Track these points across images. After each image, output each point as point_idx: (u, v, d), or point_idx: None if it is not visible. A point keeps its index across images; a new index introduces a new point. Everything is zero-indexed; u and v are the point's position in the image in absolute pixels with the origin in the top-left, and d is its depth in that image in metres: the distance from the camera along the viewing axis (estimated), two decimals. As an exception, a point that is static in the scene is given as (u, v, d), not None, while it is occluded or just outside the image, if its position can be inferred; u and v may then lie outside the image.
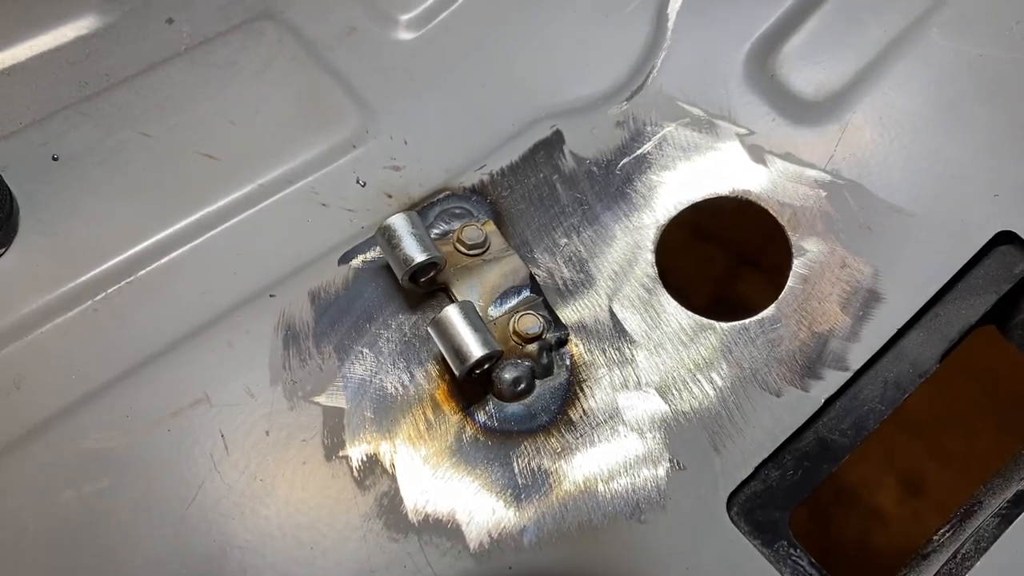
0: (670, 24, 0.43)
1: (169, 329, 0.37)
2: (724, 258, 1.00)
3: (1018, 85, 0.39)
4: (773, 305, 0.38)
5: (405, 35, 0.45)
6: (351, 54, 0.45)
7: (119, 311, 0.37)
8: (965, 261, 0.38)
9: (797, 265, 0.38)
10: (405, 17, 0.46)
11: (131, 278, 0.38)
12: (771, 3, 0.43)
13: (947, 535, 0.36)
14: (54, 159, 0.40)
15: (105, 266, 0.38)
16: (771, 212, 0.39)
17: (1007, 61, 0.40)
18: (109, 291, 0.38)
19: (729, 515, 0.34)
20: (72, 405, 0.35)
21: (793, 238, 0.39)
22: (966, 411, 0.93)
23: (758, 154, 0.40)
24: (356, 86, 0.43)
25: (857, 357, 0.37)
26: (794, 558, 0.34)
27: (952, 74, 0.40)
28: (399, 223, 0.36)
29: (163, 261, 0.39)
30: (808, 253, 0.38)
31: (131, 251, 0.39)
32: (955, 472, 0.91)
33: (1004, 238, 0.38)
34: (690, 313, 0.38)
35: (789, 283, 0.38)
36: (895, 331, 0.37)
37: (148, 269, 0.38)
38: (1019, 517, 0.35)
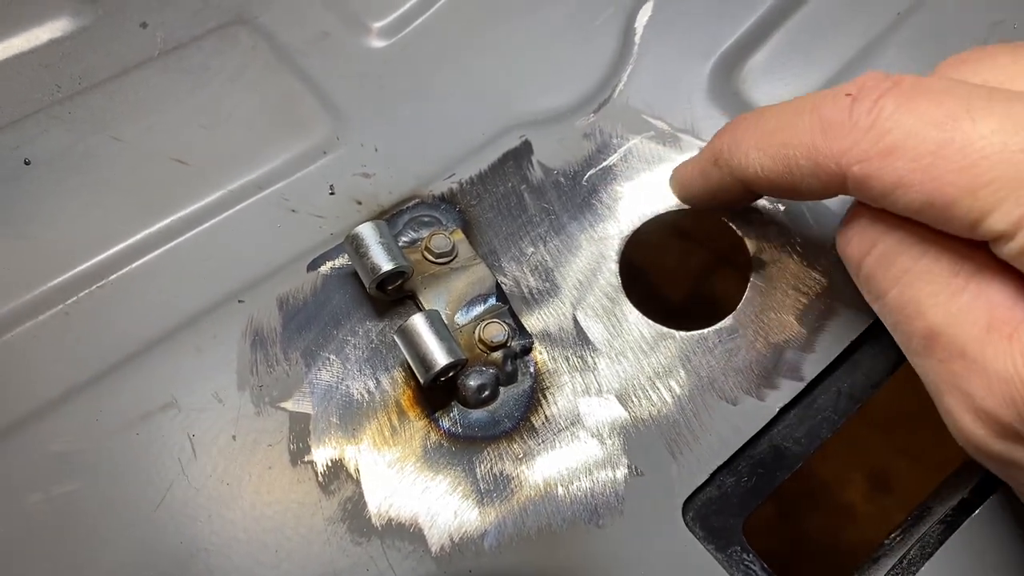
0: (637, 38, 0.44)
1: (139, 333, 0.38)
2: (701, 256, 1.01)
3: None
4: (731, 315, 0.39)
5: (377, 42, 0.46)
6: (324, 60, 0.45)
7: (90, 315, 0.38)
8: (918, 275, 0.39)
9: (755, 277, 0.39)
10: (378, 24, 0.46)
11: (102, 282, 0.39)
12: (735, 20, 0.43)
13: (897, 539, 0.37)
14: (26, 163, 0.41)
15: (76, 270, 0.39)
16: (731, 224, 0.40)
17: (959, 83, 0.41)
18: (80, 295, 0.38)
19: (685, 520, 0.35)
20: (41, 408, 0.36)
21: (751, 250, 0.40)
22: (935, 409, 0.95)
23: (721, 167, 0.41)
24: (328, 92, 0.44)
25: (812, 367, 0.38)
26: (747, 563, 0.35)
27: (908, 93, 0.41)
28: (367, 232, 0.37)
29: (134, 265, 0.39)
30: (766, 265, 0.39)
31: (102, 255, 0.39)
32: (923, 469, 0.93)
33: (956, 253, 0.39)
34: (651, 322, 0.39)
35: (747, 294, 0.39)
36: (849, 343, 0.38)
37: (119, 273, 0.39)
38: (963, 524, 0.36)
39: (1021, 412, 0.26)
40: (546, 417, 0.37)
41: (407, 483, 0.35)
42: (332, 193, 0.41)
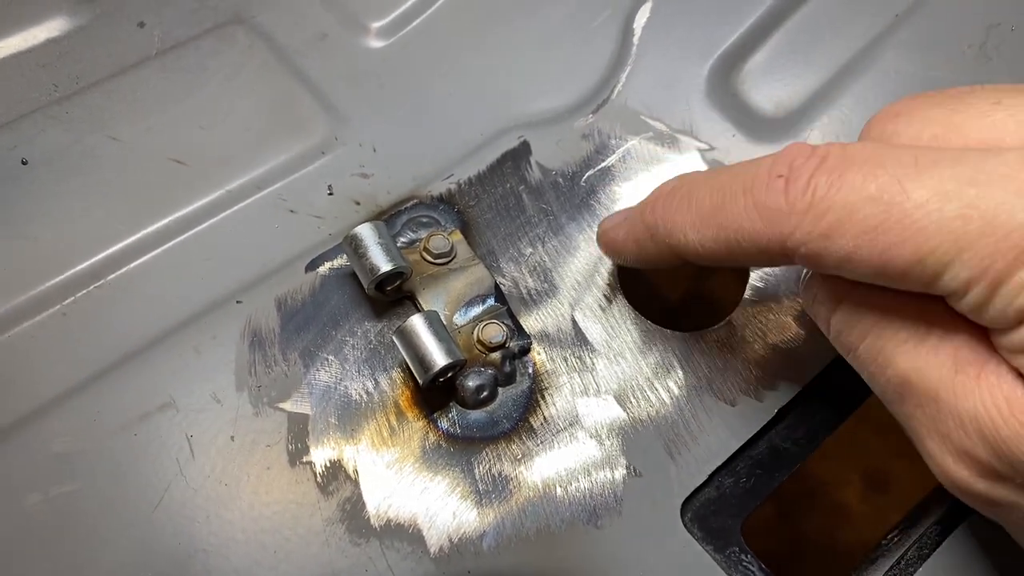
0: (635, 39, 0.44)
1: (137, 333, 0.38)
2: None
3: (968, 107, 0.40)
4: (730, 316, 0.39)
5: (376, 42, 0.46)
6: (322, 60, 0.45)
7: (88, 315, 0.38)
8: (916, 276, 0.39)
9: (753, 278, 0.39)
10: (377, 24, 0.46)
11: (100, 282, 0.39)
12: (734, 21, 0.44)
13: (895, 540, 0.38)
14: (23, 163, 0.41)
15: (74, 270, 0.39)
16: (730, 225, 0.40)
17: (957, 83, 0.41)
18: (78, 295, 0.38)
19: (683, 521, 0.35)
20: (40, 408, 0.36)
21: (751, 251, 0.40)
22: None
23: (719, 168, 0.41)
24: (326, 92, 0.44)
25: (811, 368, 0.38)
26: (745, 563, 0.35)
27: (905, 94, 0.41)
28: (366, 232, 0.37)
29: (132, 266, 0.39)
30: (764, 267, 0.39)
31: (100, 255, 0.39)
32: (921, 470, 0.93)
33: (954, 254, 0.39)
34: (649, 322, 0.39)
35: (746, 295, 0.39)
36: (847, 343, 0.38)
37: (117, 273, 0.39)
38: (960, 526, 0.36)
39: (997, 450, 0.26)
40: (544, 418, 0.37)
41: (406, 484, 0.35)
42: (331, 193, 0.41)
